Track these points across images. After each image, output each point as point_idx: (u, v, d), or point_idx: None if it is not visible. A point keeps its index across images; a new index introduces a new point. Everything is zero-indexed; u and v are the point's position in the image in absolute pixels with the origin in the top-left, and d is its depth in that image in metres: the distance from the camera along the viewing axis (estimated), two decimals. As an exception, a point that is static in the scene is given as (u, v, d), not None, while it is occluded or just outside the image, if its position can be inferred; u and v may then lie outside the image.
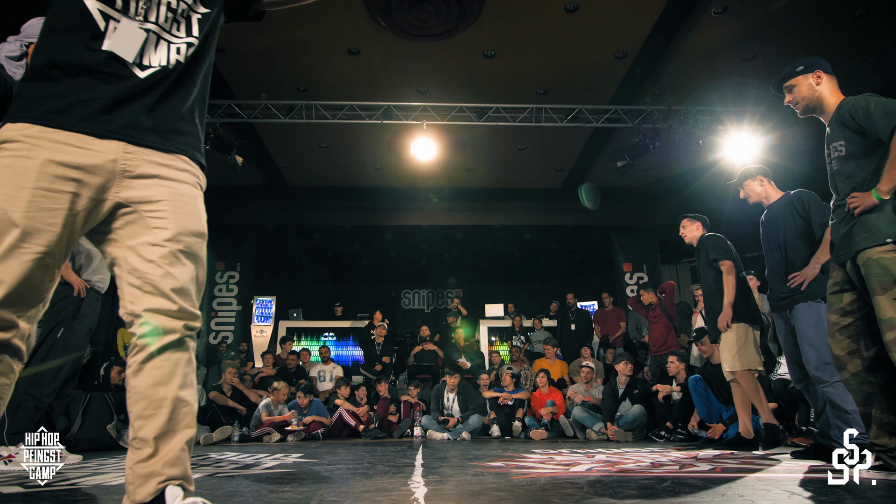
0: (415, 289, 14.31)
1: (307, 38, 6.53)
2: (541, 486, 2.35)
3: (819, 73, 2.60)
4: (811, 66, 2.62)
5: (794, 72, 2.66)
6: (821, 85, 2.60)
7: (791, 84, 2.67)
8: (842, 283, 2.49)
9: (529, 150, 9.31)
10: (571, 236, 12.90)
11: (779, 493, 2.11)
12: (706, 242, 4.34)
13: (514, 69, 7.14)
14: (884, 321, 2.22)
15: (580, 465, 3.21)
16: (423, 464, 3.35)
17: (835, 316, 2.48)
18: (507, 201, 11.18)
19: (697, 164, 8.81)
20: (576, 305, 9.48)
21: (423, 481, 2.51)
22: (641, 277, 10.71)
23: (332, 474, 2.85)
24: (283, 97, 7.42)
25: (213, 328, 10.00)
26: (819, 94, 2.60)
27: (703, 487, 2.24)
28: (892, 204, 2.32)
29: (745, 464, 3.15)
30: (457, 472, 2.90)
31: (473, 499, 2.01)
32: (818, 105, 2.62)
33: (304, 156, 9.34)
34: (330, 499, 2.05)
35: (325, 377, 7.94)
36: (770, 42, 6.55)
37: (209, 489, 2.31)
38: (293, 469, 3.11)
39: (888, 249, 2.26)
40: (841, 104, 2.51)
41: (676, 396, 5.73)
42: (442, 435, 6.36)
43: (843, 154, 2.50)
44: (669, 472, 2.79)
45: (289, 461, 3.64)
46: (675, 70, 7.12)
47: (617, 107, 7.47)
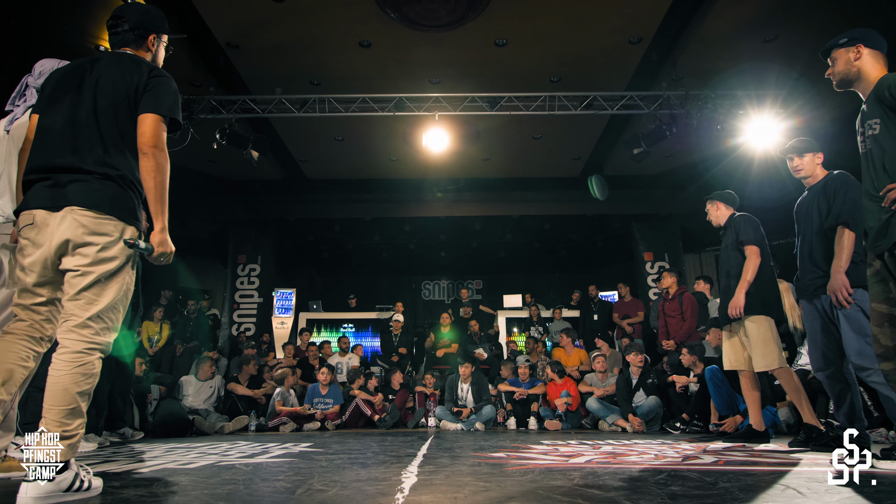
0: (435, 280, 14.33)
1: (319, 32, 6.55)
2: (531, 477, 2.34)
3: (860, 47, 2.48)
4: (854, 40, 2.50)
5: (836, 44, 2.56)
6: (860, 60, 2.49)
7: (833, 56, 2.57)
8: (883, 272, 2.38)
9: (545, 138, 9.21)
10: (591, 226, 12.76)
11: (776, 487, 2.07)
12: (735, 222, 4.12)
13: (527, 57, 7.05)
14: None
15: (582, 456, 3.19)
16: (426, 454, 3.37)
17: (883, 306, 2.34)
18: (525, 191, 11.10)
19: (718, 150, 8.60)
20: (598, 297, 9.38)
21: (418, 471, 2.53)
22: (663, 267, 10.52)
23: (332, 464, 2.89)
24: (297, 91, 7.47)
25: (235, 320, 10.19)
26: (857, 68, 2.49)
27: (697, 480, 2.21)
28: None
29: (753, 457, 3.09)
30: (455, 462, 2.91)
31: (458, 489, 2.02)
32: (855, 79, 2.51)
33: (320, 149, 9.40)
34: (318, 487, 2.08)
35: (341, 369, 8.03)
36: (792, 22, 6.33)
37: (205, 476, 2.36)
38: (296, 458, 3.16)
39: None
40: (881, 80, 2.38)
41: (694, 388, 5.64)
42: (455, 426, 6.38)
43: (877, 133, 2.38)
44: (669, 465, 2.75)
45: (295, 451, 3.70)
46: (692, 54, 6.93)
47: (632, 93, 7.33)
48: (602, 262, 13.21)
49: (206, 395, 6.10)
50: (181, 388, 6.06)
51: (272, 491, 2.00)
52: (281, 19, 6.30)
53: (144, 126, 2.03)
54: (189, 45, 6.70)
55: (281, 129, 8.78)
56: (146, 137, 2.02)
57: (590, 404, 6.14)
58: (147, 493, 1.99)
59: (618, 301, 9.26)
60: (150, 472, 2.56)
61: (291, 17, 6.27)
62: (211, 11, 6.19)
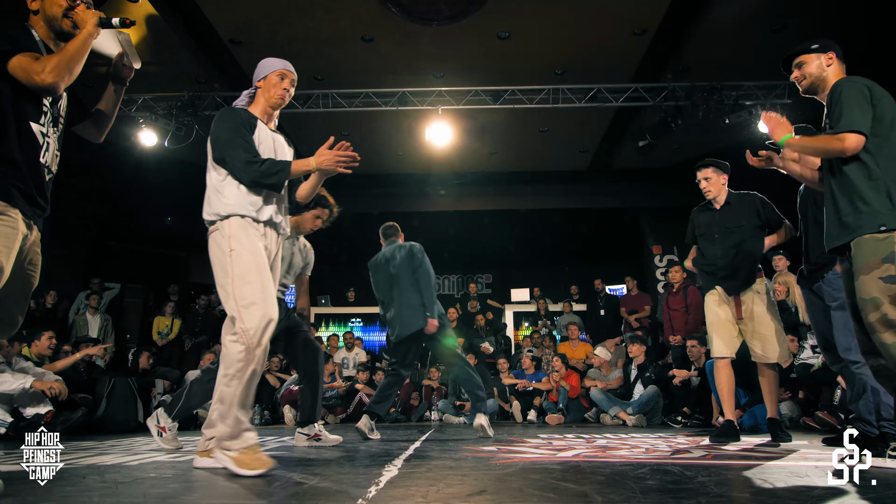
0: (444, 274, 14.31)
1: (321, 27, 6.56)
2: (512, 471, 2.35)
3: (832, 55, 2.55)
4: (826, 47, 2.57)
5: (808, 48, 2.60)
6: (831, 67, 2.56)
7: (802, 60, 2.61)
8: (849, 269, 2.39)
9: (552, 132, 9.15)
10: (600, 219, 12.65)
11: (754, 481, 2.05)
12: (755, 202, 3.84)
13: (530, 50, 6.99)
14: (867, 301, 2.14)
15: (572, 450, 3.19)
16: (418, 448, 3.40)
17: (850, 300, 2.39)
18: (533, 185, 11.05)
19: (726, 142, 8.48)
20: (604, 290, 9.33)
21: (402, 465, 2.54)
22: (673, 260, 10.42)
23: (321, 457, 2.92)
24: (300, 87, 7.44)
25: (245, 315, 10.30)
26: (826, 75, 2.55)
27: (677, 474, 2.20)
28: (886, 190, 2.22)
29: (744, 452, 3.07)
30: (442, 456, 2.92)
31: (434, 483, 2.03)
32: (822, 85, 2.57)
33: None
34: (296, 480, 2.11)
35: (348, 364, 8.08)
36: (800, 11, 6.21)
37: (187, 469, 2.40)
38: (286, 451, 3.20)
39: (881, 235, 2.19)
40: (833, 86, 2.44)
41: (695, 381, 5.60)
42: (458, 419, 6.40)
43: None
44: (656, 459, 2.74)
45: (290, 443, 3.75)
46: (697, 45, 6.83)
47: (637, 85, 7.25)
48: (611, 256, 13.11)
49: (212, 390, 6.18)
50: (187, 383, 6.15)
51: (249, 483, 2.03)
52: (283, 15, 6.32)
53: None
54: (193, 42, 6.76)
55: (287, 126, 8.82)
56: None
57: (594, 394, 6.11)
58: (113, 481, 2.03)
59: (625, 295, 9.20)
60: (138, 463, 2.61)
61: (294, 12, 6.29)
62: (213, 8, 6.23)
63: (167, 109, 7.26)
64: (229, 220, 2.45)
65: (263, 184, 2.45)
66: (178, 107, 7.21)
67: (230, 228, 2.44)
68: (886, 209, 2.19)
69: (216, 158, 2.54)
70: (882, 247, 2.17)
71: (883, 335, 2.12)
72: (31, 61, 1.88)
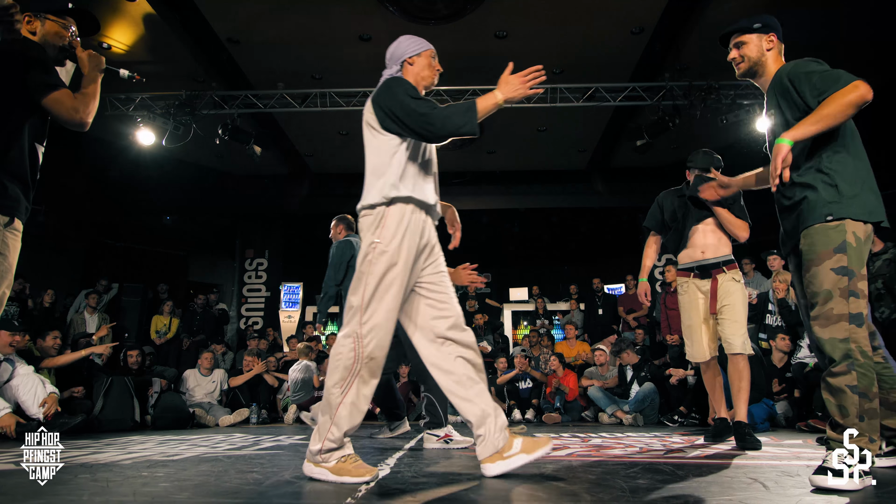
0: (442, 273, 14.37)
1: (319, 26, 6.57)
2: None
3: (773, 36, 2.36)
4: (768, 27, 2.36)
5: (749, 27, 2.39)
6: (771, 50, 2.36)
7: (742, 40, 2.40)
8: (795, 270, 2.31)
9: (550, 131, 9.16)
10: (599, 218, 12.68)
11: (744, 480, 2.05)
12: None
13: (528, 49, 7.00)
14: (819, 294, 2.03)
15: (567, 449, 3.19)
16: (412, 447, 3.40)
17: (803, 301, 2.29)
18: (531, 184, 11.06)
19: (725, 141, 8.48)
20: (602, 290, 9.32)
21: (394, 464, 2.55)
22: (670, 259, 10.42)
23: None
24: (299, 86, 7.51)
25: (243, 314, 10.31)
26: (766, 58, 2.36)
27: (668, 473, 2.20)
28: (826, 179, 2.08)
29: (738, 451, 3.07)
30: (435, 455, 2.93)
31: (422, 481, 2.03)
32: (760, 69, 2.38)
33: (325, 143, 9.44)
34: (287, 479, 2.11)
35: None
36: (796, 10, 6.21)
37: (182, 468, 2.41)
38: (282, 451, 3.20)
39: (832, 224, 2.05)
40: (778, 70, 2.28)
41: (692, 380, 5.60)
42: (455, 417, 6.39)
43: (772, 125, 2.30)
44: (648, 458, 2.74)
45: (286, 443, 3.75)
46: (694, 44, 6.84)
47: (635, 84, 7.25)
48: (610, 255, 13.14)
49: (209, 389, 6.18)
50: (184, 382, 6.15)
51: (241, 483, 2.03)
52: (281, 14, 6.33)
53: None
54: (191, 40, 6.76)
55: (285, 124, 8.83)
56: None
57: (592, 392, 6.11)
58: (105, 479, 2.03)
59: (623, 294, 9.20)
60: (131, 462, 2.62)
61: (291, 11, 6.30)
62: (211, 7, 6.23)
63: (165, 108, 7.27)
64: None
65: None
66: (175, 105, 7.22)
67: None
68: (834, 199, 2.06)
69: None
70: (834, 235, 2.03)
71: (822, 331, 2.05)
72: (70, 98, 2.08)
